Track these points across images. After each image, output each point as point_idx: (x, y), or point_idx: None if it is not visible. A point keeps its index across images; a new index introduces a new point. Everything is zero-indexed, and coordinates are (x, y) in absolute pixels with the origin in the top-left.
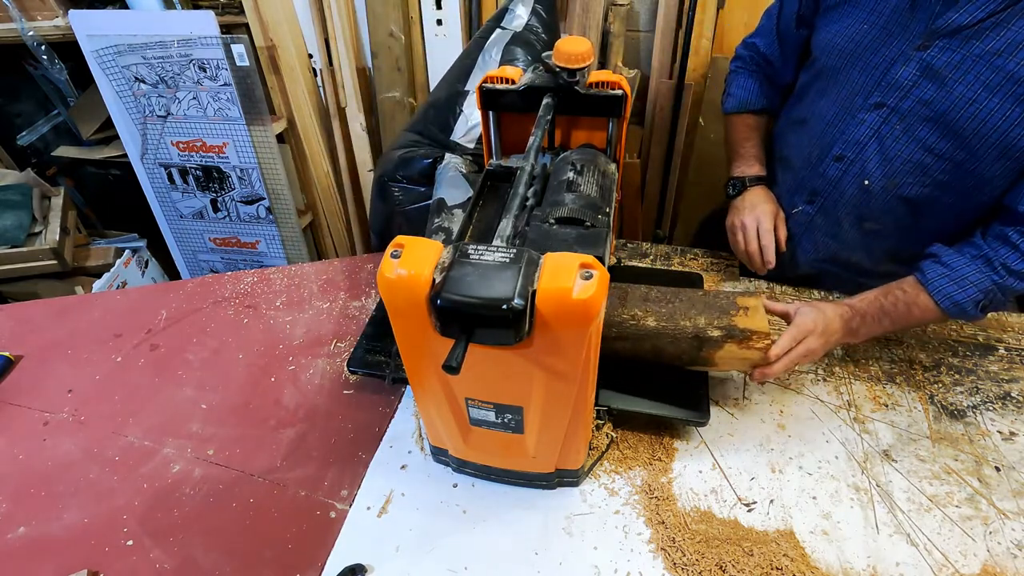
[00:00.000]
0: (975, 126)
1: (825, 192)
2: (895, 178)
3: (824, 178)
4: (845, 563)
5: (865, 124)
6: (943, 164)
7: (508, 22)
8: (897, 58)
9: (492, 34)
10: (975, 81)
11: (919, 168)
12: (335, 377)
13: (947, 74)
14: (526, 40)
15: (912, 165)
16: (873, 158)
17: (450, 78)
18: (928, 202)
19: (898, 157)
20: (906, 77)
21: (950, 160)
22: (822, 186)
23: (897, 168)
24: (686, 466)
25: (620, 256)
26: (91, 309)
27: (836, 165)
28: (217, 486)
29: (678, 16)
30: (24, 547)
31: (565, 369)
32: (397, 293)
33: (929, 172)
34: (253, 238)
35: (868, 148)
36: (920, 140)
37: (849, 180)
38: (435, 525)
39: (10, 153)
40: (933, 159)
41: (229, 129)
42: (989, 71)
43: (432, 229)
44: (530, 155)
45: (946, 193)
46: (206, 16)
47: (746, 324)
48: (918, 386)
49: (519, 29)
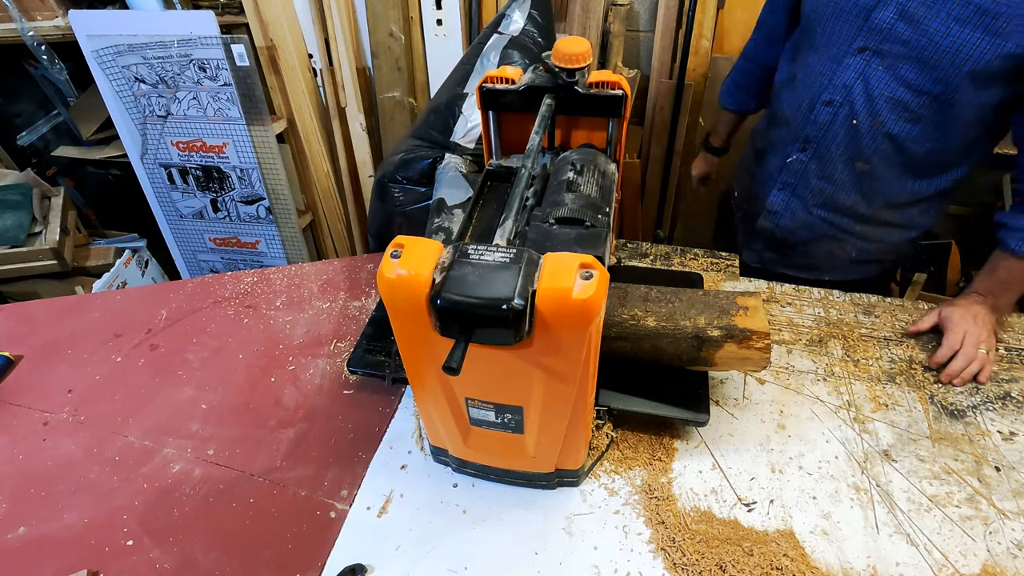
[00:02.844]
0: (949, 58)
1: (817, 138)
2: (880, 115)
3: (816, 124)
4: (845, 563)
5: (851, 68)
6: (922, 98)
7: (505, 27)
8: (876, 3)
9: (490, 39)
10: (947, 17)
11: (901, 104)
12: (335, 377)
13: (921, 13)
14: (523, 44)
15: (895, 102)
16: (859, 99)
17: (450, 83)
18: (911, 138)
19: (881, 96)
20: (885, 20)
21: (928, 94)
22: (814, 132)
23: (881, 106)
24: (686, 466)
25: (620, 256)
26: (91, 309)
27: (826, 110)
28: (217, 486)
29: (678, 16)
30: (24, 547)
31: (565, 369)
32: (397, 293)
33: (910, 107)
34: (253, 238)
35: (854, 90)
36: (900, 78)
37: (839, 123)
38: (435, 525)
39: (10, 153)
40: (912, 94)
41: (229, 129)
42: (959, 6)
43: (432, 229)
44: (530, 155)
45: (927, 128)
46: (206, 16)
47: (746, 324)
48: (918, 386)
49: (516, 33)
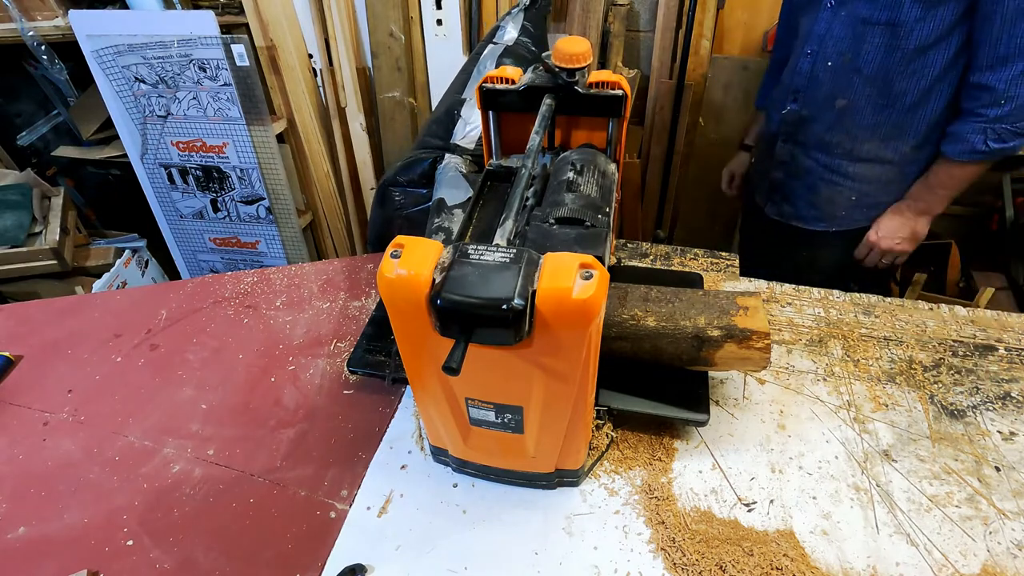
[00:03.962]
0: None
1: (803, 87)
2: (847, 53)
3: (800, 74)
4: (845, 563)
5: (822, 20)
6: (877, 28)
7: (499, 38)
8: None
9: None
10: None
11: (861, 38)
12: (335, 377)
13: None
14: (517, 53)
15: (855, 37)
16: (829, 42)
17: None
18: (876, 66)
19: (846, 36)
20: None
21: (879, 23)
22: (800, 82)
23: (847, 45)
24: (686, 466)
25: (620, 256)
26: (91, 309)
27: (807, 59)
28: (217, 486)
29: (678, 16)
30: (24, 547)
31: (565, 369)
32: (397, 293)
33: (866, 37)
34: (253, 238)
35: (826, 38)
36: (857, 16)
37: (818, 67)
38: (435, 525)
39: (10, 153)
40: (868, 27)
41: (229, 129)
42: None
43: (432, 229)
44: (530, 155)
45: (887, 55)
46: (206, 16)
47: (746, 324)
48: (918, 386)
49: (510, 43)
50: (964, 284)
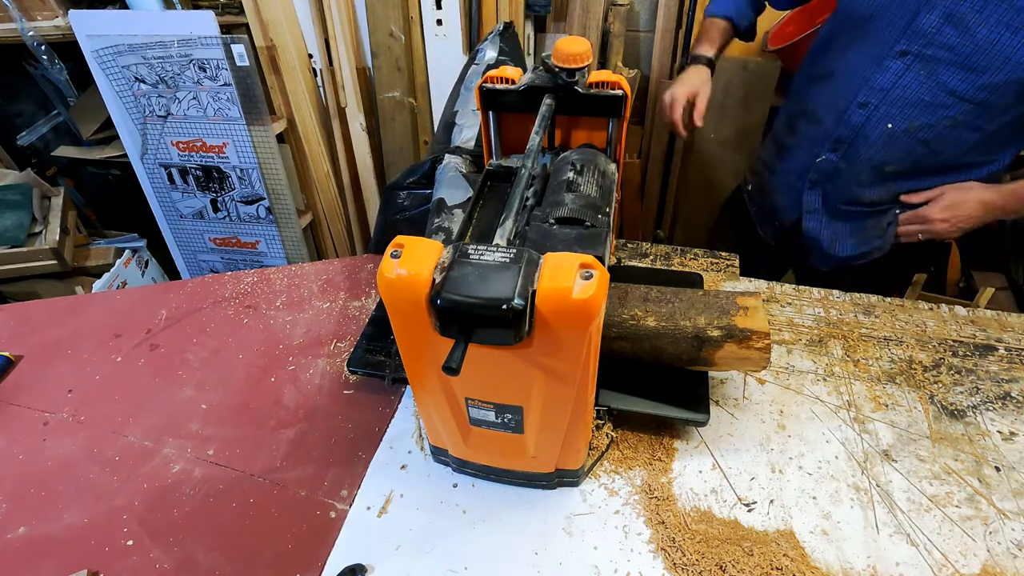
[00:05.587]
0: (998, 65)
1: (849, 139)
2: (917, 121)
3: (848, 125)
4: (845, 563)
5: (890, 71)
6: (964, 105)
7: (480, 59)
8: (922, 6)
9: (469, 70)
10: (998, 23)
11: (940, 109)
12: (335, 377)
13: (970, 18)
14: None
15: (934, 107)
16: (896, 103)
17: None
18: (947, 143)
19: (921, 101)
20: (930, 24)
21: (971, 101)
22: (846, 133)
23: (919, 112)
24: (686, 466)
25: (620, 256)
26: (91, 309)
27: (860, 112)
28: (217, 486)
29: (678, 16)
30: (24, 547)
31: (565, 369)
32: (397, 293)
33: (950, 114)
34: (253, 238)
35: (891, 93)
36: (943, 84)
37: (872, 125)
38: (435, 525)
39: (10, 153)
40: (954, 100)
41: (229, 129)
42: (1011, 12)
43: (432, 229)
44: (530, 155)
45: (964, 133)
46: (206, 16)
47: (746, 324)
48: (918, 386)
49: (491, 62)
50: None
